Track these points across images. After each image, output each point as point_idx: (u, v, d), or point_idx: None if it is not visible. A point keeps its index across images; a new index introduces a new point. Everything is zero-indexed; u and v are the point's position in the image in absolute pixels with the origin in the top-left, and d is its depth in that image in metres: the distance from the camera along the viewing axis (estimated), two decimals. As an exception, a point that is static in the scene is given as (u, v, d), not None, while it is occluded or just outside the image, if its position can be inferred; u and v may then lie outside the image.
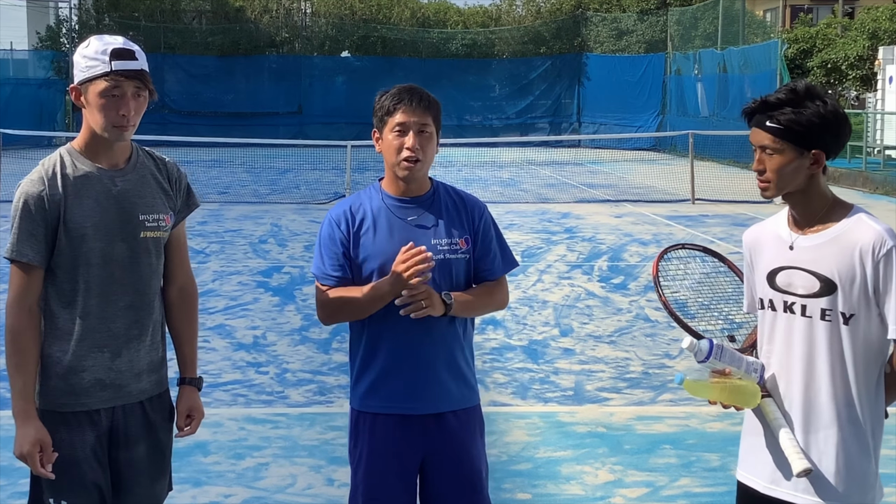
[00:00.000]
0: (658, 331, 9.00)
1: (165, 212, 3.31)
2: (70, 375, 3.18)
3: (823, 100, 2.90)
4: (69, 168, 3.19)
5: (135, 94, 3.17)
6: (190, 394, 3.47)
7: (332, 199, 19.34)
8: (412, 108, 3.39)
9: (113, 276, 3.19)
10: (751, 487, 3.07)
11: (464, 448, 3.47)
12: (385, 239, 3.41)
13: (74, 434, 3.18)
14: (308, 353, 8.19)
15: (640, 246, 13.97)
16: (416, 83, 3.57)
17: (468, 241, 3.48)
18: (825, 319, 2.91)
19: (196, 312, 3.53)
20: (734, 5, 31.66)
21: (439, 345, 3.43)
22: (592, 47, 38.11)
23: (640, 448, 6.05)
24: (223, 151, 27.54)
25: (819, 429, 2.94)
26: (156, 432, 3.34)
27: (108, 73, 3.11)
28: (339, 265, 3.45)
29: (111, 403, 3.22)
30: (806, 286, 2.93)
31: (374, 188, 3.54)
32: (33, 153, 27.09)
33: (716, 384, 2.97)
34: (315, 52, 38.29)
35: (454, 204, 3.52)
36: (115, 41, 3.16)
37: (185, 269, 3.47)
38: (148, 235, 3.25)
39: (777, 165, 2.91)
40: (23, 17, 40.17)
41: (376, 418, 3.44)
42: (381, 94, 3.50)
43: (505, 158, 28.79)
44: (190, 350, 3.50)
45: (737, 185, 21.03)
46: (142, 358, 3.27)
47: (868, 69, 29.53)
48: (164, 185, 3.35)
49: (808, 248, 2.95)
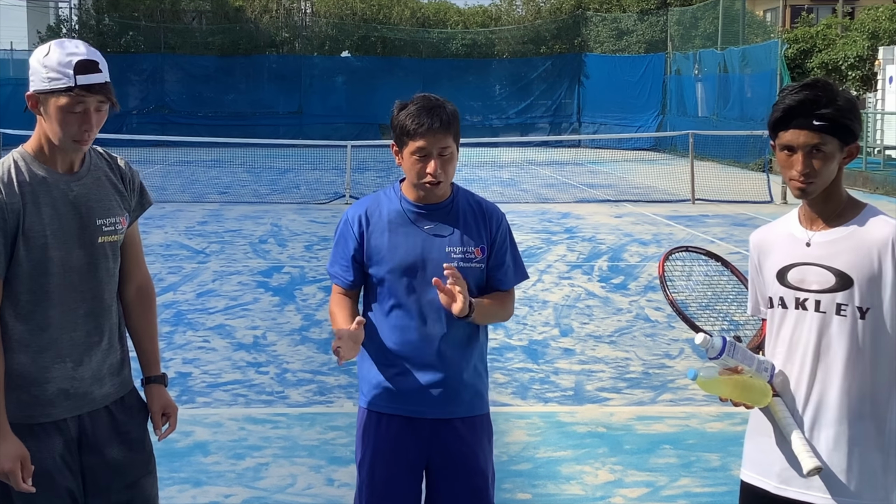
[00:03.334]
0: (658, 331, 9.00)
1: (121, 214, 3.23)
2: (33, 387, 3.10)
3: (842, 93, 2.92)
4: (24, 174, 3.07)
5: (97, 108, 3.04)
6: (159, 392, 3.40)
7: (332, 199, 19.34)
8: (433, 132, 3.33)
9: (72, 285, 3.11)
10: (758, 488, 3.05)
11: (471, 455, 3.46)
12: (398, 244, 3.40)
13: (42, 444, 3.11)
14: (308, 353, 8.19)
15: (641, 246, 13.97)
16: (416, 83, 3.58)
17: (483, 250, 3.46)
18: (840, 314, 2.90)
19: (154, 310, 3.47)
20: (734, 5, 31.66)
21: (455, 349, 3.42)
22: (592, 47, 38.10)
23: (640, 448, 6.05)
24: (223, 151, 27.55)
25: (832, 425, 2.93)
26: (129, 433, 3.28)
27: (71, 89, 2.95)
28: (347, 266, 3.46)
29: (76, 412, 3.15)
30: (820, 281, 2.93)
31: (395, 190, 3.51)
32: (33, 153, 27.06)
33: (728, 381, 2.96)
34: (315, 52, 38.28)
35: (472, 212, 3.50)
36: (78, 51, 2.99)
37: (141, 268, 3.41)
38: (105, 240, 3.17)
39: (824, 163, 2.89)
40: (23, 17, 40.19)
41: (382, 418, 3.44)
42: (400, 107, 3.42)
43: (505, 158, 28.78)
44: (151, 348, 3.43)
45: (737, 185, 21.05)
46: (102, 363, 3.20)
47: (868, 69, 29.52)
48: (118, 187, 3.26)
49: (823, 244, 2.95)
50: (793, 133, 2.90)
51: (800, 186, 2.92)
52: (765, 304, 3.11)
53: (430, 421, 3.41)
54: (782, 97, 2.97)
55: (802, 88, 2.92)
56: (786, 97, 2.94)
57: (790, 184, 2.96)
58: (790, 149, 2.92)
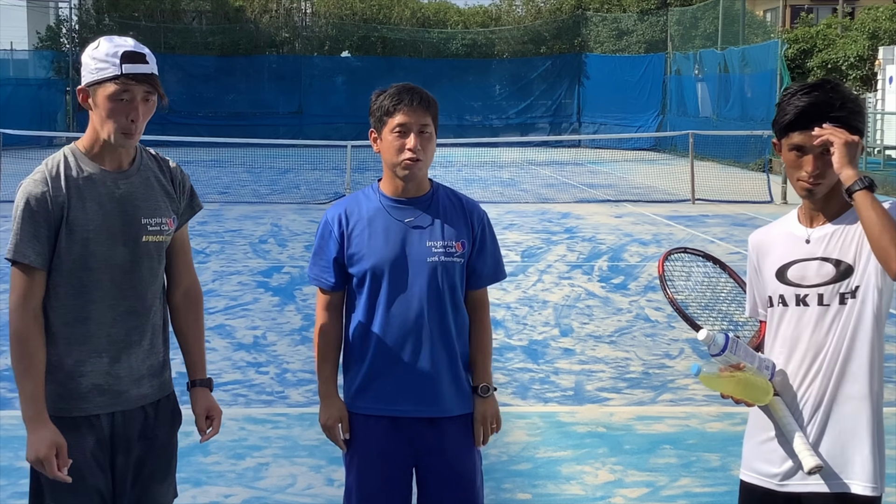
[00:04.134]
0: (658, 331, 9.00)
1: (168, 215, 3.26)
2: (68, 380, 3.13)
3: (850, 93, 2.92)
4: (73, 169, 3.13)
5: (144, 99, 3.11)
6: (204, 395, 3.44)
7: (332, 198, 19.33)
8: (413, 108, 3.36)
9: (113, 281, 3.14)
10: (758, 487, 3.06)
11: (457, 456, 3.45)
12: (379, 240, 3.39)
13: (74, 439, 3.13)
14: (308, 353, 8.18)
15: (641, 246, 13.97)
16: (416, 83, 3.56)
17: (464, 244, 3.45)
18: (844, 304, 2.91)
19: (202, 314, 3.50)
20: (734, 5, 31.65)
21: (436, 347, 3.41)
22: (592, 47, 38.09)
23: (640, 448, 6.05)
24: (223, 151, 27.54)
25: (832, 422, 2.94)
26: (157, 437, 3.29)
27: (117, 77, 3.05)
28: (328, 268, 3.44)
29: (110, 409, 3.18)
30: (821, 274, 2.94)
31: (372, 188, 3.51)
32: (33, 153, 27.08)
33: (730, 378, 2.96)
34: (315, 53, 38.28)
35: (453, 206, 3.49)
36: (125, 43, 3.09)
37: (189, 271, 3.44)
38: (150, 240, 3.20)
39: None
40: (23, 17, 40.18)
41: (368, 419, 3.42)
42: (378, 93, 3.46)
43: (505, 158, 28.77)
44: (198, 352, 3.46)
45: (737, 185, 21.04)
46: (141, 363, 3.22)
47: (868, 69, 29.52)
48: (167, 188, 3.30)
49: (821, 238, 2.96)
50: (806, 135, 2.89)
51: (807, 187, 2.93)
52: (764, 304, 3.11)
53: (415, 420, 3.40)
54: (790, 98, 2.94)
55: (813, 90, 2.91)
56: (796, 98, 2.92)
57: (797, 184, 2.95)
58: (801, 149, 2.91)
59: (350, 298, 3.48)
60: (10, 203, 3.30)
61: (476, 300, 3.55)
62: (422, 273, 3.37)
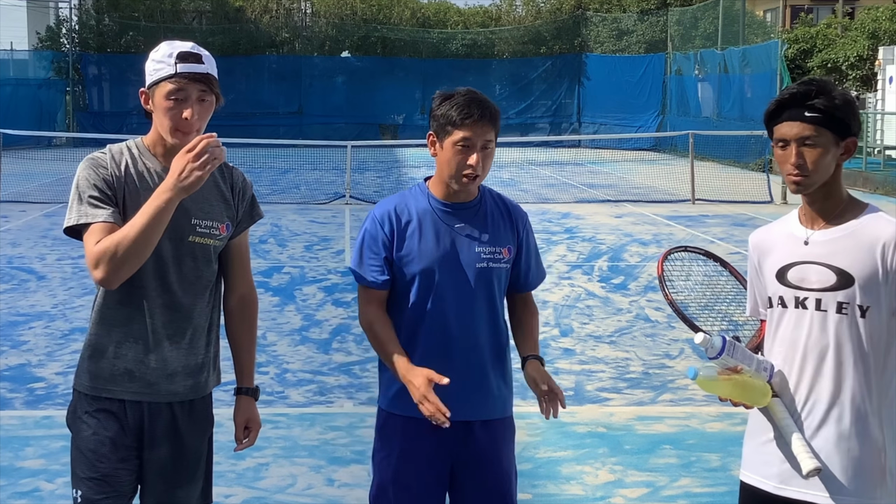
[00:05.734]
0: (658, 331, 9.00)
1: (221, 220, 3.26)
2: (103, 360, 3.18)
3: (838, 90, 2.91)
4: (133, 158, 3.18)
5: (199, 98, 3.13)
6: (247, 405, 3.48)
7: (332, 199, 19.34)
8: (480, 124, 3.28)
9: (157, 273, 3.16)
10: (758, 488, 3.05)
11: (496, 458, 3.44)
12: (430, 243, 3.35)
13: (98, 421, 3.17)
14: (308, 354, 8.19)
15: (641, 246, 13.97)
16: (416, 83, 3.56)
17: (510, 250, 3.45)
18: (841, 313, 2.90)
19: (255, 323, 3.51)
20: (734, 5, 31.67)
21: (482, 352, 3.40)
22: (592, 47, 38.12)
23: (640, 448, 6.05)
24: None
25: (831, 424, 2.93)
26: (183, 437, 3.28)
27: (172, 76, 3.10)
28: (379, 267, 3.37)
29: (137, 397, 3.19)
30: (821, 280, 2.92)
31: (421, 189, 3.45)
32: (33, 153, 27.12)
33: (727, 381, 2.95)
34: (315, 53, 38.29)
35: (500, 212, 3.48)
36: (183, 45, 3.15)
37: (245, 278, 3.45)
38: (196, 241, 3.20)
39: (818, 156, 2.88)
40: (23, 17, 40.20)
41: (408, 421, 3.37)
42: (444, 97, 3.35)
43: (505, 158, 28.77)
44: (247, 360, 3.48)
45: (737, 185, 21.05)
46: (176, 359, 3.22)
47: (868, 69, 29.53)
48: (225, 194, 3.30)
49: (823, 243, 2.94)
50: (786, 125, 2.91)
51: (795, 180, 2.92)
52: (764, 304, 3.11)
53: (455, 423, 3.32)
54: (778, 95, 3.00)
55: (798, 85, 2.95)
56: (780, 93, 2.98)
57: (786, 179, 2.96)
58: (784, 142, 2.92)
59: (394, 299, 3.42)
60: (10, 203, 3.30)
61: (526, 299, 3.59)
62: (471, 278, 3.35)
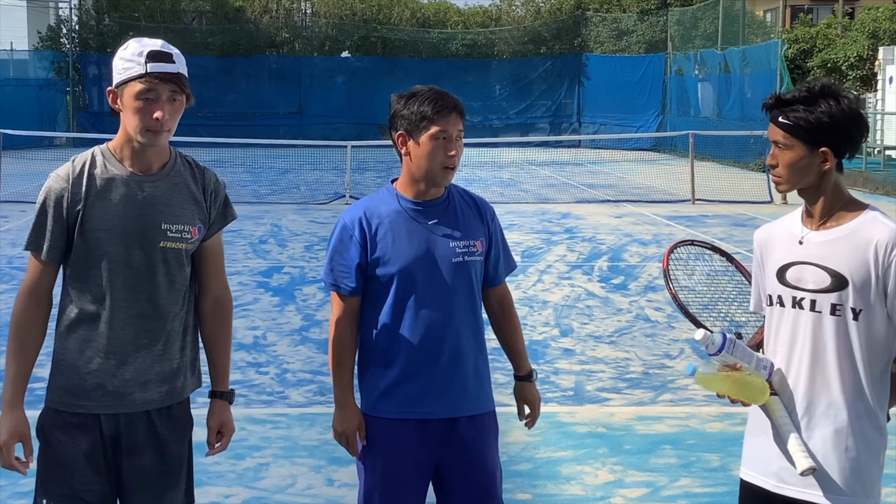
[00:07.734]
0: (658, 331, 9.00)
1: (193, 223, 3.22)
2: (75, 376, 3.14)
3: (838, 98, 2.92)
4: (98, 168, 3.13)
5: (170, 98, 3.10)
6: (221, 409, 3.44)
7: (332, 199, 19.34)
8: (454, 115, 3.35)
9: (126, 283, 3.13)
10: (757, 486, 3.07)
11: (480, 454, 3.45)
12: (404, 243, 3.36)
13: (69, 437, 3.13)
14: (308, 354, 8.19)
15: (640, 246, 13.97)
16: (416, 83, 3.55)
17: (483, 243, 3.48)
18: (835, 314, 2.91)
19: (229, 325, 3.48)
20: (734, 5, 31.66)
21: (462, 346, 3.42)
22: (592, 47, 38.11)
23: (640, 448, 6.05)
24: (223, 151, 27.53)
25: (825, 425, 2.93)
26: (164, 444, 3.25)
27: (143, 75, 3.05)
28: (349, 274, 3.38)
29: (112, 410, 3.16)
30: (816, 281, 2.94)
31: (388, 191, 3.47)
32: (34, 153, 27.11)
33: (726, 378, 2.96)
34: (315, 53, 38.28)
35: (468, 206, 3.51)
36: (153, 43, 3.10)
37: (219, 280, 3.41)
38: (168, 245, 3.17)
39: (788, 161, 2.96)
40: (23, 17, 40.15)
41: (393, 423, 3.38)
42: (407, 97, 3.38)
43: (505, 158, 28.78)
44: (221, 362, 3.44)
45: (737, 185, 21.04)
46: (149, 367, 3.19)
47: (868, 69, 29.53)
48: (196, 196, 3.25)
49: (819, 244, 2.96)
50: (769, 126, 3.02)
51: (772, 177, 3.04)
52: (766, 301, 3.12)
53: (439, 421, 3.38)
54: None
55: (799, 87, 2.99)
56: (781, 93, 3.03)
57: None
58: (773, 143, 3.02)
59: (371, 302, 3.42)
60: (10, 203, 3.32)
61: (502, 294, 3.64)
62: (448, 274, 3.37)
